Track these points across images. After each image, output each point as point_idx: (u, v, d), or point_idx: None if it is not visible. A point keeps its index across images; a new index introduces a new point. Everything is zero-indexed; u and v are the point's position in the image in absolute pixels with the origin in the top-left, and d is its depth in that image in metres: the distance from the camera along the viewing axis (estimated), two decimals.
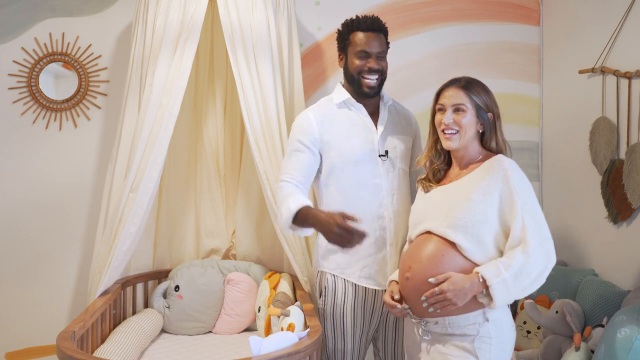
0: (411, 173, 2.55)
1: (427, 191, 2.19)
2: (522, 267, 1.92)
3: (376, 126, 2.45)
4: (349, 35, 2.44)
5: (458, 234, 1.99)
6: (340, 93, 2.49)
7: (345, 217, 2.06)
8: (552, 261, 1.98)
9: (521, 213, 1.95)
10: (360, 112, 2.46)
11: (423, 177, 2.25)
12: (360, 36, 2.41)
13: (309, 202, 2.23)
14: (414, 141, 2.59)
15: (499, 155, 2.09)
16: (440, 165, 2.21)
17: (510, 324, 2.06)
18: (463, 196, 2.02)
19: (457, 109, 2.08)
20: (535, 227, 1.96)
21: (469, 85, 2.10)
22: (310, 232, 2.29)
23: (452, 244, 2.00)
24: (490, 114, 2.10)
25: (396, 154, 2.46)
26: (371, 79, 2.41)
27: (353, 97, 2.47)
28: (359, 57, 2.41)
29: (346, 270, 2.43)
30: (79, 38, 3.35)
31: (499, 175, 2.00)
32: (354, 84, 2.44)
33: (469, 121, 2.08)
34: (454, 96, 2.09)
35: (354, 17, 2.46)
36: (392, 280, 2.22)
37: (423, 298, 1.97)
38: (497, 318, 2.00)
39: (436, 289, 1.95)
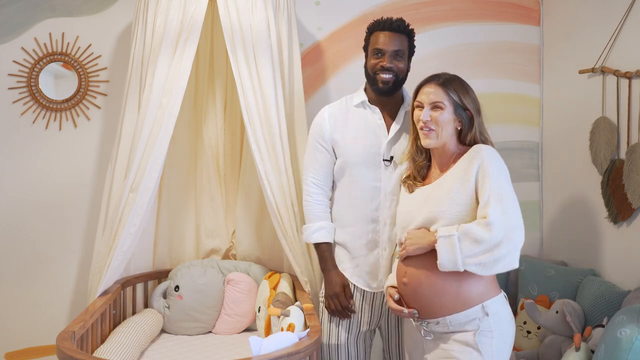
0: None
1: (412, 191, 2.21)
2: (472, 230, 1.91)
3: (389, 130, 2.47)
4: (370, 35, 2.49)
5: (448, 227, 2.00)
6: (359, 94, 2.54)
7: (347, 293, 2.46)
8: (512, 240, 1.92)
9: (489, 192, 1.95)
10: (374, 113, 2.49)
11: (407, 175, 2.26)
12: (377, 35, 2.45)
13: (331, 237, 2.51)
14: None
15: (477, 145, 2.08)
16: (423, 162, 2.22)
17: (509, 317, 2.08)
18: (445, 190, 2.04)
19: (435, 107, 2.09)
20: (501, 207, 1.93)
21: (447, 82, 2.10)
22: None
23: None
24: (468, 112, 2.10)
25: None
26: (385, 76, 2.42)
27: (371, 98, 2.50)
28: (374, 55, 2.44)
29: (342, 265, 2.52)
30: (78, 38, 3.35)
31: (476, 160, 2.02)
32: (370, 81, 2.48)
33: (447, 119, 2.09)
34: (433, 93, 2.09)
35: (379, 19, 2.49)
36: (389, 286, 2.22)
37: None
38: (496, 312, 2.01)
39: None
